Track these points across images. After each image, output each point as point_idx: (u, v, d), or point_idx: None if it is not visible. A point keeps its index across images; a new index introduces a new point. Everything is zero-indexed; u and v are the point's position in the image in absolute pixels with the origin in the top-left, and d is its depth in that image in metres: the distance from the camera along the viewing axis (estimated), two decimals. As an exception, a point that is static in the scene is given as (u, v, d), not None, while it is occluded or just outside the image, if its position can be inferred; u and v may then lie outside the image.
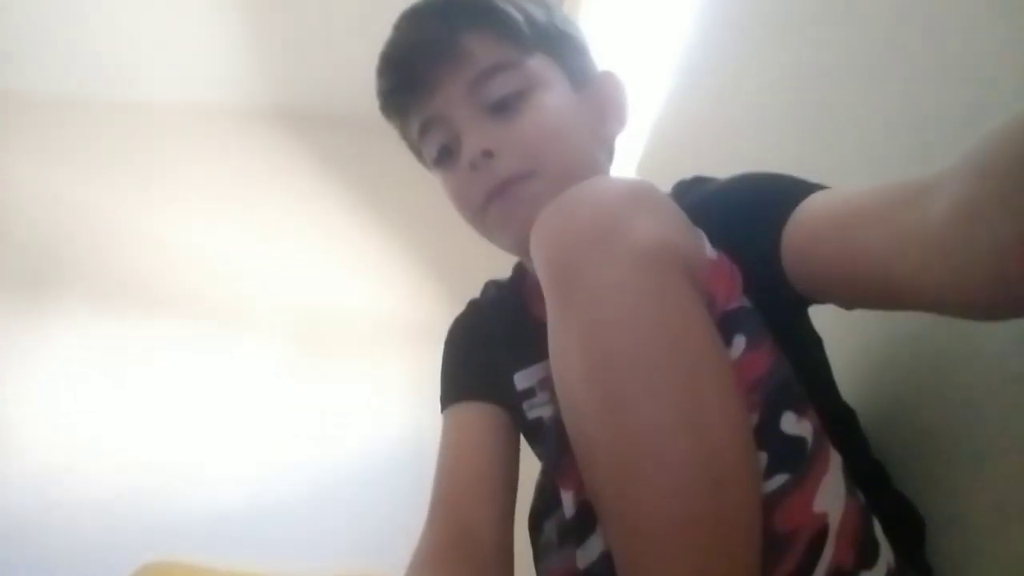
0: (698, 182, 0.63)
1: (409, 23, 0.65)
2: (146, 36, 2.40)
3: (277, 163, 2.66)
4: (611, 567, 0.40)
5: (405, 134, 0.70)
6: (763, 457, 0.42)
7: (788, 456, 0.42)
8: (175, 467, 2.11)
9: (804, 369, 0.47)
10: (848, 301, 0.51)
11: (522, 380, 0.65)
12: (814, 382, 0.48)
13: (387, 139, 0.76)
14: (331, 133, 2.66)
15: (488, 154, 0.61)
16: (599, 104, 0.68)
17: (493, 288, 0.79)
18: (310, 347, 2.33)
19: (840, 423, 0.53)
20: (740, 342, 0.45)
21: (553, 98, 0.64)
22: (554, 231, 0.44)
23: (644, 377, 0.39)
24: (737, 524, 0.38)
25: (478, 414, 0.70)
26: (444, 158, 0.66)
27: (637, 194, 0.45)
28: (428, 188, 1.00)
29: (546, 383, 0.64)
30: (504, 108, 0.62)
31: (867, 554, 0.43)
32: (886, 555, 0.44)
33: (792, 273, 0.49)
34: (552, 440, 0.48)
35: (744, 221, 0.51)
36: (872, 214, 0.43)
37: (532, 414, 0.65)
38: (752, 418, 0.42)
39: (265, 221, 2.56)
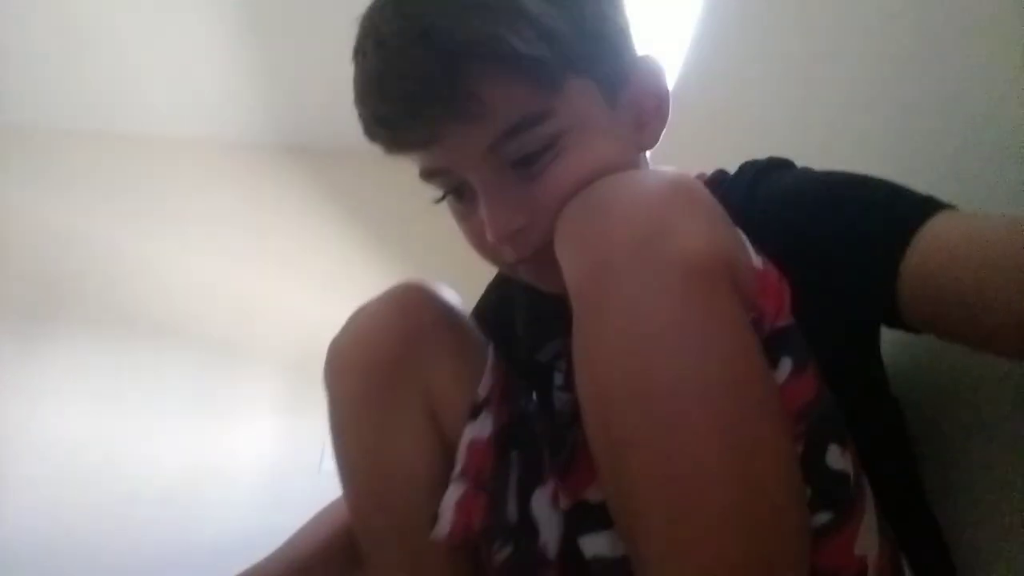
0: (775, 168, 0.56)
1: (401, 57, 0.47)
2: (148, 69, 2.40)
3: (279, 195, 2.66)
4: None
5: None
6: (807, 492, 0.39)
7: (832, 492, 0.41)
8: (175, 500, 2.08)
9: (863, 389, 0.45)
10: (965, 342, 0.44)
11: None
12: (877, 402, 0.45)
13: (390, 171, 0.74)
14: (333, 165, 2.66)
15: (519, 231, 0.52)
16: (636, 109, 0.56)
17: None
18: (313, 380, 2.30)
19: (891, 449, 0.51)
20: (787, 364, 0.41)
21: (587, 140, 0.51)
22: (588, 232, 0.39)
23: (687, 403, 0.35)
24: (786, 563, 0.36)
25: None
26: (453, 198, 0.56)
27: (680, 192, 0.39)
28: (432, 220, 0.99)
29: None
30: (532, 162, 0.50)
31: None
32: None
33: (908, 305, 0.44)
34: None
35: (849, 244, 0.46)
36: (1010, 258, 0.39)
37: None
38: (796, 449, 0.40)
39: (268, 253, 2.55)
